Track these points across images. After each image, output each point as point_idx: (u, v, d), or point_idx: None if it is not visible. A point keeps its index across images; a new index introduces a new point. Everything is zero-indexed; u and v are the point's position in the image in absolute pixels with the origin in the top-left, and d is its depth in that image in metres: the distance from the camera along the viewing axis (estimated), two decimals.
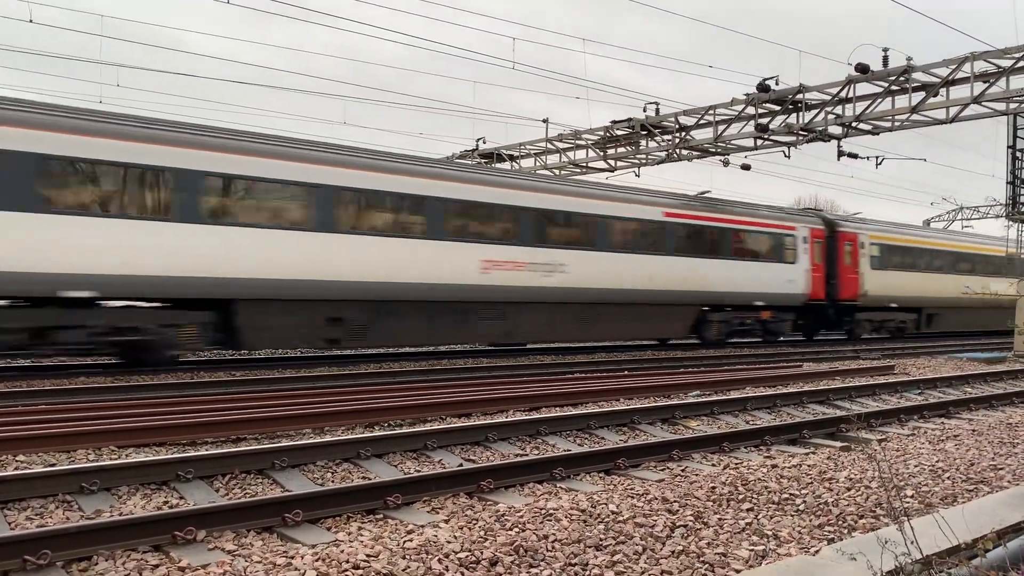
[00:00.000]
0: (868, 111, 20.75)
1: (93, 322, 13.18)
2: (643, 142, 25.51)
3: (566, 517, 5.17)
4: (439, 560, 4.32)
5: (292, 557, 4.39)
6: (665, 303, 21.16)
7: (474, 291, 17.45)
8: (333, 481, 6.51)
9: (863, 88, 20.70)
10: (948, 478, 6.70)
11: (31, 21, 18.14)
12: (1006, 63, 18.53)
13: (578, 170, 27.37)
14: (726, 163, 25.51)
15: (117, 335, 13.52)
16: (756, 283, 23.36)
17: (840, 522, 5.35)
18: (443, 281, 16.94)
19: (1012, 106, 19.76)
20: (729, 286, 22.61)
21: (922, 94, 19.88)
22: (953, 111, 19.78)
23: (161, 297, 13.88)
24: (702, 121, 23.73)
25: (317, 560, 4.32)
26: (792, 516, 5.47)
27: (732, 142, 23.61)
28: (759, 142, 23.15)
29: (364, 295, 15.89)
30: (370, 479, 6.45)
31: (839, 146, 23.08)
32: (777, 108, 22.14)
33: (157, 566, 4.38)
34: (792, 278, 24.37)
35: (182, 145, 13.93)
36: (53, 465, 6.65)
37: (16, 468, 6.54)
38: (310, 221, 15.28)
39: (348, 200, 15.90)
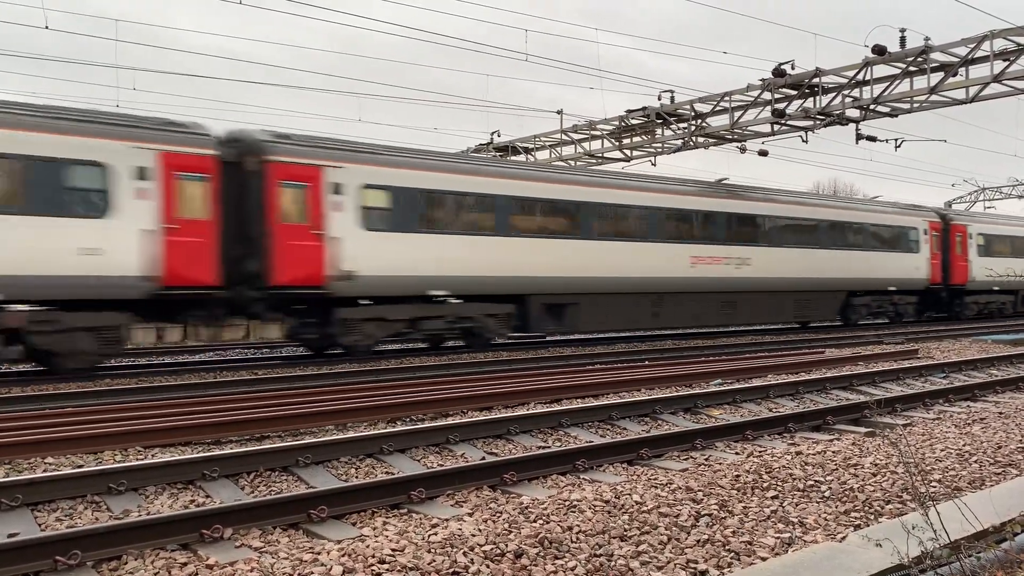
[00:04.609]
0: (886, 93, 20.52)
1: (446, 314, 16.67)
2: (659, 131, 25.40)
3: (590, 508, 5.17)
4: (464, 553, 4.33)
5: (318, 553, 4.42)
6: (824, 289, 24.77)
7: (685, 283, 20.85)
8: (357, 477, 6.55)
9: (880, 70, 20.49)
10: (975, 462, 6.64)
11: (47, 27, 18.25)
12: None
13: (593, 161, 27.28)
14: (743, 149, 25.38)
15: (460, 324, 17.00)
16: (891, 270, 26.92)
17: (866, 508, 5.32)
18: (663, 275, 20.38)
19: None
20: (871, 273, 26.15)
21: (941, 74, 19.62)
22: (973, 91, 19.52)
23: (485, 294, 17.21)
24: (718, 108, 23.59)
25: (343, 556, 4.34)
26: (818, 503, 5.44)
27: (748, 128, 23.45)
28: (776, 127, 22.99)
29: (609, 288, 19.31)
30: (393, 474, 6.47)
31: (857, 129, 22.87)
32: (793, 93, 21.95)
33: (185, 564, 4.42)
34: (917, 265, 27.91)
35: (500, 176, 17.73)
36: (81, 466, 6.74)
37: (45, 470, 6.64)
38: (578, 230, 18.78)
39: (600, 212, 19.29)
